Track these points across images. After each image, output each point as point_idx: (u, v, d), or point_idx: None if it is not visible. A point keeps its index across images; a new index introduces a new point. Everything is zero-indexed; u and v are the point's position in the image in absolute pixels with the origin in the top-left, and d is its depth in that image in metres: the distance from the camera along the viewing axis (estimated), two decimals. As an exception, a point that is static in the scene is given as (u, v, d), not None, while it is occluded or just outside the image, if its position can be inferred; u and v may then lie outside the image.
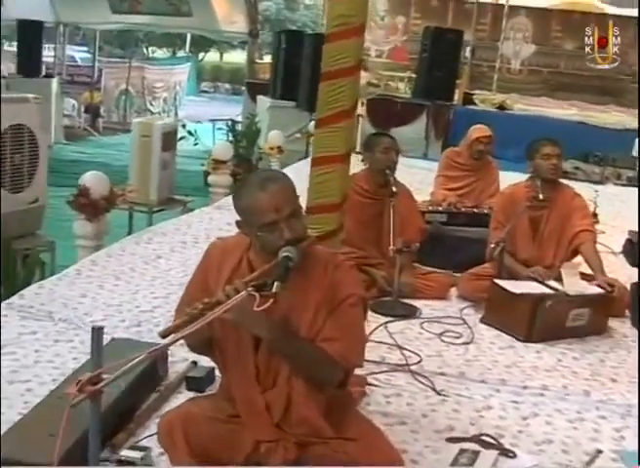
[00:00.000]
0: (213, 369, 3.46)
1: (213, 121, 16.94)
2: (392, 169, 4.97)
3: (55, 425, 2.48)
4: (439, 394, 3.66)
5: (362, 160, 5.15)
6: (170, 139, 7.95)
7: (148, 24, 18.51)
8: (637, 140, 11.33)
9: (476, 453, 3.01)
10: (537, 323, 4.37)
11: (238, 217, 2.68)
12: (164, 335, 2.43)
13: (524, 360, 4.17)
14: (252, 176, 2.78)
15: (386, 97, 13.35)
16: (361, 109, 11.90)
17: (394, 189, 4.83)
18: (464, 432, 3.27)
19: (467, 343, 4.35)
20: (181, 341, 3.40)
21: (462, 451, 3.02)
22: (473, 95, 13.93)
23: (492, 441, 3.19)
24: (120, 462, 2.77)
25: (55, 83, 16.24)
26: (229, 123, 14.41)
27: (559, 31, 17.62)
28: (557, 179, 4.99)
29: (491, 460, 2.98)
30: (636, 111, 12.30)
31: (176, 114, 22.47)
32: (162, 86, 21.94)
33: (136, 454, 2.81)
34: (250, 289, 2.42)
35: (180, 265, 5.33)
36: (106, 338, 3.67)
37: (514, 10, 17.29)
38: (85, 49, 27.12)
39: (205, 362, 3.44)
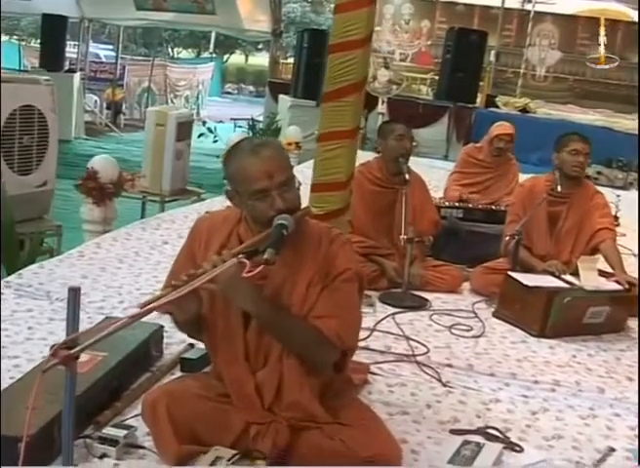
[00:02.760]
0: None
1: (234, 120, 16.90)
2: (406, 157, 4.82)
3: (35, 398, 2.38)
4: (445, 385, 3.50)
5: (376, 148, 5.01)
6: (185, 130, 7.82)
7: (172, 22, 18.41)
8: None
9: (480, 446, 2.83)
10: (551, 318, 4.18)
11: None
12: (144, 306, 2.26)
13: (536, 355, 3.99)
14: (243, 142, 2.62)
15: (408, 98, 13.20)
16: (381, 107, 11.79)
17: (407, 177, 4.67)
18: (470, 424, 3.11)
19: (478, 336, 4.18)
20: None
21: (466, 443, 2.84)
22: (496, 97, 13.73)
23: (498, 434, 3.02)
24: (102, 439, 2.61)
25: (77, 78, 16.22)
26: (250, 122, 14.36)
27: (586, 39, 17.42)
28: (579, 177, 4.82)
29: (495, 453, 2.81)
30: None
31: (197, 113, 22.42)
32: (184, 84, 21.95)
33: (119, 433, 2.64)
34: (240, 256, 2.28)
35: (187, 251, 5.19)
36: (102, 318, 3.61)
37: (540, 16, 17.10)
38: (109, 47, 27.19)
39: (202, 344, 3.30)
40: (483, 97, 13.53)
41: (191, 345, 3.49)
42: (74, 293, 2.08)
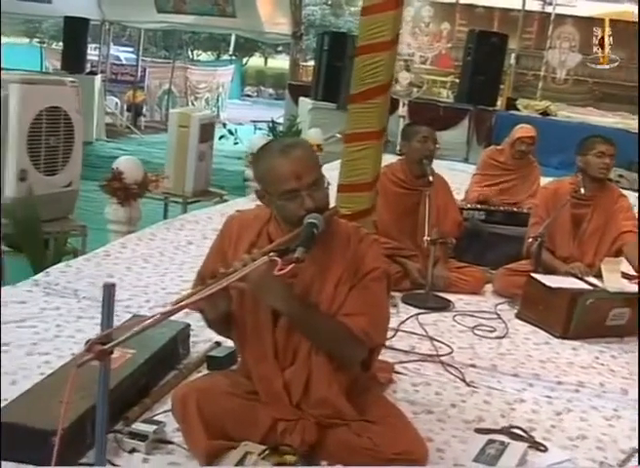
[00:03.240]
0: (235, 349, 3.35)
1: (254, 122, 16.95)
2: (430, 158, 4.84)
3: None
4: (469, 385, 3.52)
5: (399, 150, 5.04)
6: (207, 131, 7.90)
7: (193, 24, 18.49)
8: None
9: (505, 445, 2.85)
10: (574, 319, 4.20)
11: None
12: (176, 303, 2.30)
13: (559, 356, 4.01)
14: (272, 143, 2.67)
15: (429, 101, 13.21)
16: (402, 110, 11.80)
17: (431, 179, 4.70)
18: (494, 424, 3.13)
19: (501, 337, 4.20)
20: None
21: (490, 442, 2.86)
22: (516, 100, 13.71)
23: (522, 433, 3.04)
24: (132, 434, 2.66)
25: (98, 80, 16.34)
26: (270, 124, 14.39)
27: (606, 42, 17.38)
28: (605, 179, 4.83)
29: (520, 452, 2.83)
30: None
31: (217, 115, 22.48)
32: (205, 87, 22.01)
33: (148, 428, 2.69)
34: (272, 254, 2.31)
35: (213, 251, 5.25)
36: (129, 316, 3.65)
37: (561, 19, 17.06)
38: (129, 49, 27.35)
39: (229, 342, 3.33)
40: (503, 99, 13.50)
41: (217, 343, 3.53)
42: (109, 290, 2.13)
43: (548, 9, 16.83)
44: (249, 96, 32.60)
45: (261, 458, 2.35)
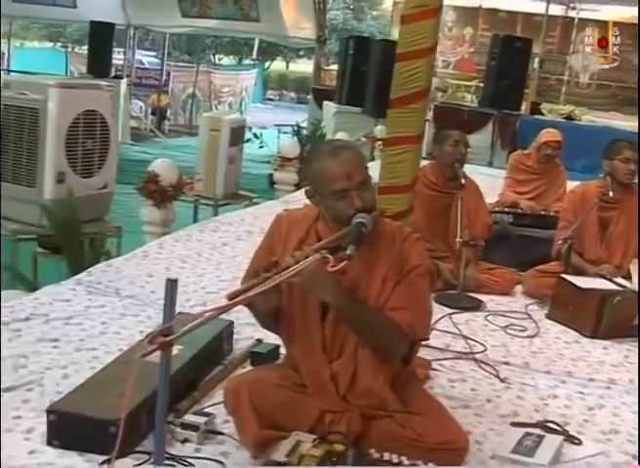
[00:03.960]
0: (277, 346, 3.48)
1: (278, 126, 17.08)
2: (461, 162, 4.96)
3: (121, 385, 2.56)
4: (503, 381, 3.63)
5: (429, 153, 5.16)
6: (238, 135, 8.05)
7: (217, 29, 18.67)
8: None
9: (541, 437, 2.96)
10: (604, 319, 4.30)
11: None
12: (231, 298, 2.42)
13: (590, 354, 4.11)
14: (323, 145, 2.81)
15: (453, 105, 13.30)
16: (427, 114, 11.88)
17: (463, 182, 4.82)
18: (529, 418, 3.23)
19: (532, 336, 4.30)
20: (247, 320, 3.46)
21: (527, 435, 2.97)
22: (540, 104, 13.77)
23: (557, 427, 3.14)
24: (184, 425, 2.78)
25: (123, 84, 16.57)
26: (295, 128, 14.52)
27: (629, 45, 17.38)
28: (631, 183, 4.93)
29: (556, 445, 2.93)
30: None
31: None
32: (228, 91, 22.18)
33: (199, 419, 2.82)
34: (323, 251, 2.43)
35: (247, 253, 5.27)
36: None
37: (584, 23, 17.13)
38: (152, 53, 27.59)
39: (271, 339, 3.45)
40: (528, 104, 13.57)
41: (259, 341, 3.66)
42: (171, 285, 2.25)
43: (572, 13, 16.86)
44: (271, 99, 32.80)
45: (313, 447, 2.45)
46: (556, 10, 17.00)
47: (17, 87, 5.88)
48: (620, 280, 4.55)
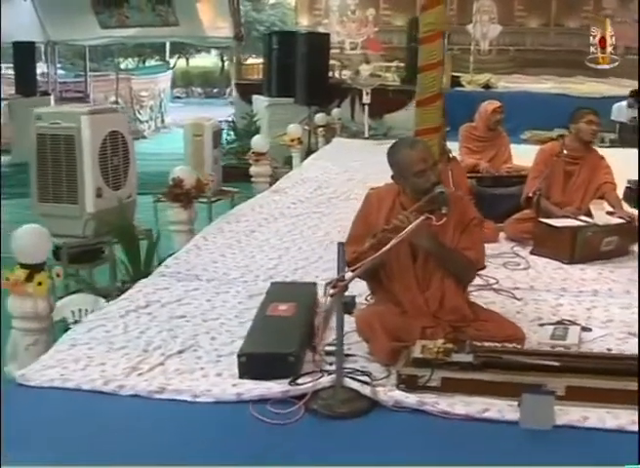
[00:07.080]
0: (354, 296, 4.53)
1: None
2: (444, 138, 6.16)
3: (275, 331, 3.87)
4: (519, 300, 4.88)
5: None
6: (217, 137, 9.12)
7: (136, 37, 19.35)
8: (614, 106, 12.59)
9: (566, 328, 4.22)
10: (577, 248, 5.61)
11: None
12: (351, 261, 3.64)
13: (573, 275, 5.42)
14: (401, 141, 4.02)
15: (379, 86, 14.46)
16: (366, 98, 12.94)
17: (450, 155, 6.06)
18: (549, 320, 4.48)
19: (527, 268, 5.59)
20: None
21: (557, 328, 4.23)
22: (460, 77, 15.04)
23: (571, 323, 4.41)
24: (327, 353, 3.88)
25: (52, 100, 17.21)
26: (231, 123, 15.47)
27: (522, 11, 18.89)
28: (591, 142, 6.26)
29: (577, 332, 4.20)
30: (606, 79, 13.67)
31: (162, 120, 23.50)
32: (147, 95, 22.80)
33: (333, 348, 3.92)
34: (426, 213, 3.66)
35: (274, 235, 6.51)
36: (266, 284, 4.86)
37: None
38: (59, 65, 27.91)
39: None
40: (447, 77, 14.81)
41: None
42: (342, 247, 3.40)
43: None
44: (179, 97, 33.33)
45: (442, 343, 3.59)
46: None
47: (48, 118, 6.83)
48: (583, 217, 5.87)
